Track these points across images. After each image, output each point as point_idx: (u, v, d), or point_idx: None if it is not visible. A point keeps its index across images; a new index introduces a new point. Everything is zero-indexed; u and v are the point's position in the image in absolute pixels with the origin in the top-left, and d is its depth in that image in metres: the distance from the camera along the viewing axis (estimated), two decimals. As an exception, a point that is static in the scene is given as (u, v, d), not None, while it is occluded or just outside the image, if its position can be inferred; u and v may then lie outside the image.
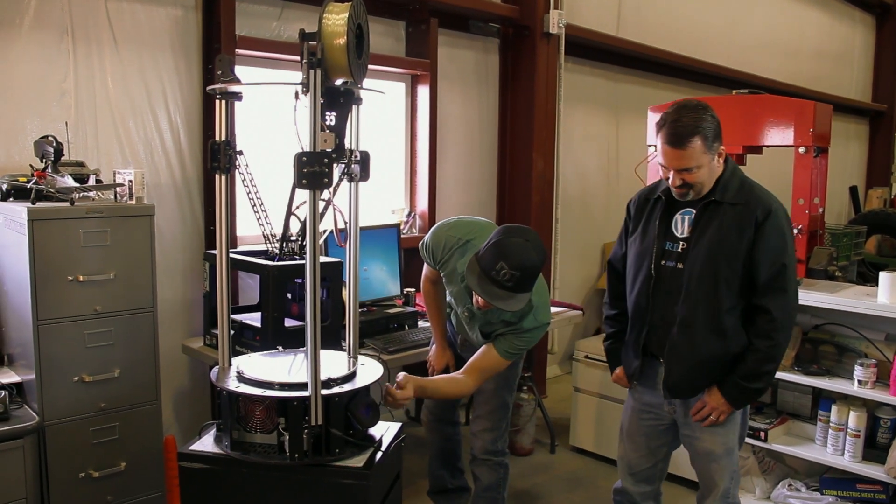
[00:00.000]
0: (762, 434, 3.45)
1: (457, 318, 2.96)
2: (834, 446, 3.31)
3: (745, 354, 2.41)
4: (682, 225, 2.47)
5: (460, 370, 2.77)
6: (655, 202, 2.54)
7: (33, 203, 2.68)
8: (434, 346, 3.19)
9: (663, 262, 2.48)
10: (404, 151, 4.78)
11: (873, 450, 3.22)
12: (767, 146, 4.08)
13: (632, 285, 2.59)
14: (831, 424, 3.31)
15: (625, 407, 2.76)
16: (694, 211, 2.44)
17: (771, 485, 3.56)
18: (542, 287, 2.72)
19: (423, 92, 4.68)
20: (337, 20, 2.07)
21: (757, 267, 2.36)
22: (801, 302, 3.30)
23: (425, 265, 3.01)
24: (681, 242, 2.45)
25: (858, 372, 3.17)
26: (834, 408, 3.30)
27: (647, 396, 2.63)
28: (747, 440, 3.47)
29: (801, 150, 3.92)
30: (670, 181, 2.41)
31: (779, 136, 3.97)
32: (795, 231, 3.97)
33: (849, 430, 3.24)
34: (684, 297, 2.42)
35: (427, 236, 2.89)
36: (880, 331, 3.29)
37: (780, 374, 3.39)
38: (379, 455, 2.25)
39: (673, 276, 2.45)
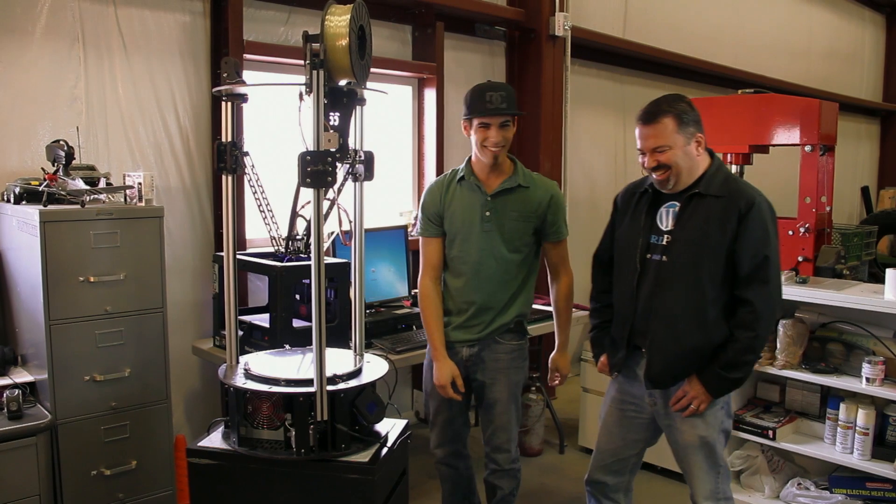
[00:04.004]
0: (771, 433, 3.44)
1: (462, 312, 2.89)
2: (843, 444, 3.29)
3: (726, 344, 2.43)
4: (666, 218, 2.49)
5: (553, 278, 2.94)
6: (642, 195, 2.57)
7: (45, 206, 2.72)
8: (435, 363, 2.82)
9: (649, 255, 2.50)
10: (412, 154, 4.81)
11: (882, 448, 3.20)
12: (774, 145, 4.09)
13: (618, 279, 2.62)
14: (840, 422, 3.30)
15: (605, 397, 2.77)
16: (678, 204, 2.47)
17: (780, 484, 3.55)
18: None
19: (430, 95, 4.71)
20: (339, 21, 2.11)
21: (739, 259, 2.38)
22: (807, 300, 3.34)
23: (422, 260, 2.89)
24: (665, 235, 2.48)
25: (866, 369, 3.16)
26: (842, 406, 3.29)
27: (631, 387, 2.64)
28: (756, 439, 3.49)
29: (808, 148, 3.93)
30: (645, 164, 2.45)
31: (785, 134, 3.98)
32: (802, 230, 3.98)
33: (857, 428, 3.23)
34: (668, 289, 2.44)
35: (418, 212, 2.93)
36: (888, 328, 3.28)
37: (787, 373, 3.39)
38: (384, 451, 2.27)
39: (658, 269, 2.48)
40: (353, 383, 2.28)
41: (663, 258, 2.46)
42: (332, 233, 2.60)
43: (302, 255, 2.79)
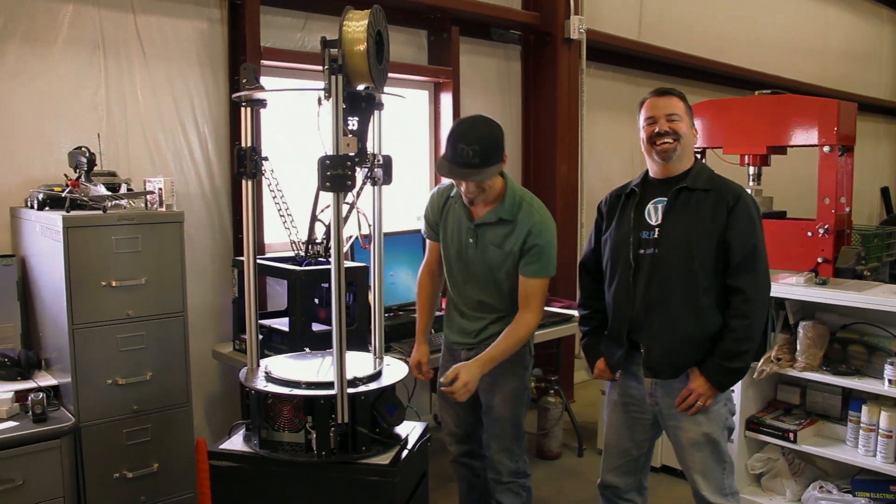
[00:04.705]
0: (792, 435, 3.42)
1: (462, 315, 2.90)
2: (865, 447, 3.26)
3: (723, 335, 2.47)
4: (655, 214, 2.55)
5: (519, 310, 2.72)
6: (628, 196, 2.63)
7: (68, 211, 2.76)
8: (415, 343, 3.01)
9: (641, 250, 2.54)
10: (429, 158, 4.83)
11: (906, 450, 3.18)
12: (792, 146, 4.07)
13: (611, 279, 2.63)
14: (862, 425, 3.27)
15: (606, 400, 2.78)
16: (665, 199, 2.53)
17: (801, 487, 3.52)
18: (541, 205, 2.80)
19: (446, 99, 4.72)
20: (357, 27, 2.13)
21: (730, 249, 2.44)
22: (827, 301, 3.31)
23: (426, 255, 2.96)
24: (655, 229, 2.52)
25: (889, 371, 3.12)
26: (864, 408, 3.26)
27: (631, 389, 2.65)
28: (777, 441, 3.46)
29: (826, 149, 3.90)
30: (657, 128, 2.52)
31: (803, 135, 3.95)
32: (822, 231, 3.95)
33: (880, 430, 3.20)
34: (661, 279, 2.48)
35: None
36: (910, 329, 3.25)
37: (808, 375, 3.37)
38: (405, 453, 2.28)
39: (650, 263, 2.51)
40: (373, 386, 2.29)
41: (655, 251, 2.51)
42: (351, 237, 2.62)
43: (321, 259, 2.82)
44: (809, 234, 3.99)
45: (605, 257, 2.67)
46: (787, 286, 3.39)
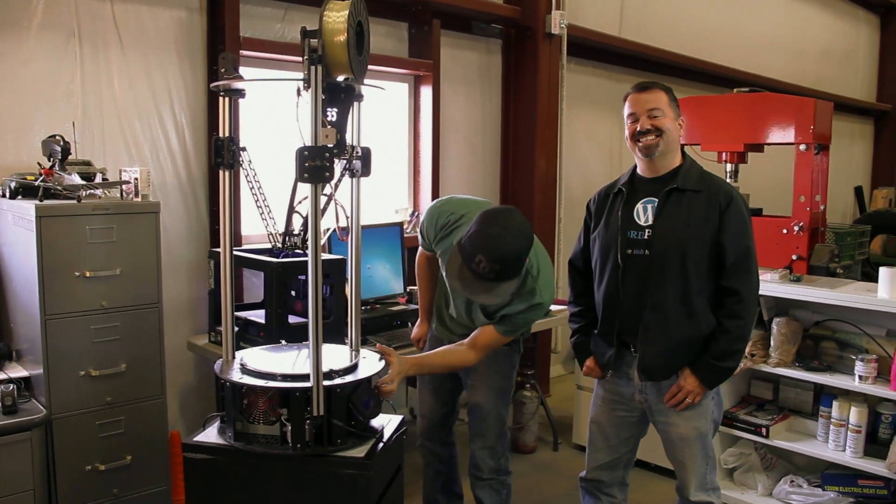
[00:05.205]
0: (764, 430, 3.46)
1: (450, 320, 2.92)
2: (835, 442, 3.31)
3: (717, 335, 2.48)
4: (644, 214, 2.53)
5: (463, 341, 2.68)
6: (616, 195, 2.62)
7: (41, 201, 2.72)
8: (419, 320, 3.13)
9: (629, 250, 2.53)
10: (407, 151, 4.82)
11: (875, 445, 3.22)
12: (769, 144, 4.11)
13: (600, 278, 2.63)
14: (833, 420, 3.32)
15: (594, 397, 2.78)
16: (655, 199, 2.52)
17: (773, 481, 3.57)
18: (548, 266, 2.68)
19: (426, 92, 4.72)
20: (337, 17, 2.11)
21: (724, 250, 2.45)
22: (801, 298, 3.36)
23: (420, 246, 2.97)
24: (646, 230, 2.51)
25: (859, 367, 3.18)
26: (835, 404, 3.31)
27: (619, 387, 2.66)
28: (750, 436, 3.51)
29: (802, 147, 3.94)
30: (638, 127, 2.49)
31: (780, 133, 3.99)
32: (797, 228, 4.00)
33: (850, 425, 3.25)
34: (654, 282, 2.48)
35: (422, 217, 2.88)
36: (881, 326, 3.30)
37: (781, 371, 3.41)
38: (380, 446, 2.28)
39: (640, 263, 2.51)
40: (349, 378, 2.28)
41: (645, 251, 2.50)
42: (329, 229, 2.61)
43: (298, 251, 2.80)
44: (784, 231, 4.03)
45: (594, 256, 2.66)
46: (762, 282, 3.41)
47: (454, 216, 2.72)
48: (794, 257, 4.00)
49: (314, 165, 2.09)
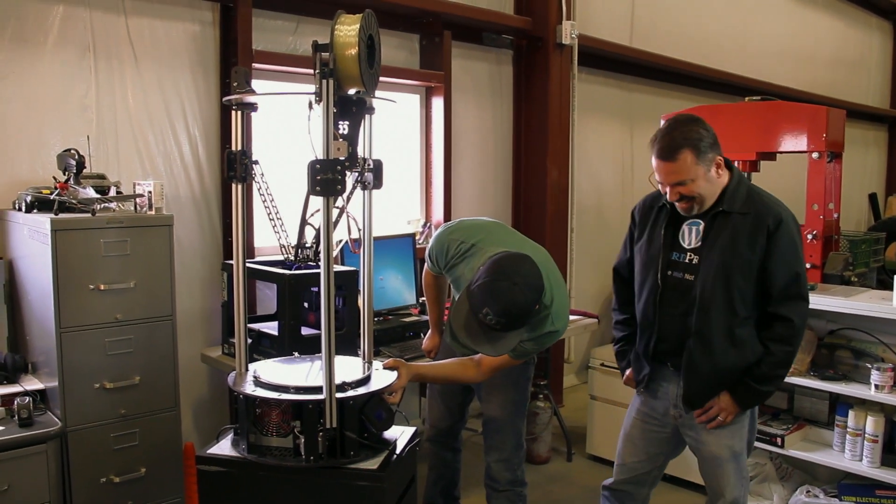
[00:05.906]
0: (779, 440, 3.43)
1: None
2: (852, 452, 3.28)
3: (761, 359, 2.42)
4: (689, 236, 2.46)
5: (473, 357, 2.63)
6: (660, 210, 2.54)
7: (56, 214, 2.74)
8: (430, 332, 3.16)
9: (670, 272, 2.48)
10: (419, 162, 4.83)
11: (892, 455, 3.19)
12: (781, 152, 4.09)
13: (639, 294, 2.59)
14: (849, 430, 3.29)
15: (629, 409, 2.75)
16: (702, 222, 2.44)
17: (789, 491, 3.54)
18: (561, 291, 2.64)
19: (438, 104, 4.73)
20: (349, 31, 2.13)
21: (772, 276, 2.36)
22: (815, 307, 3.32)
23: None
24: (689, 254, 2.45)
25: (875, 376, 3.15)
26: (851, 413, 3.28)
27: (654, 402, 2.63)
28: (765, 446, 3.48)
29: (815, 155, 3.92)
30: (668, 196, 2.41)
31: (792, 142, 3.97)
32: (810, 237, 3.97)
33: (867, 435, 3.22)
34: (698, 310, 2.41)
35: (431, 242, 2.85)
36: (897, 335, 3.27)
37: (796, 380, 3.38)
38: (393, 458, 2.28)
39: (681, 287, 2.45)
40: (361, 390, 2.28)
41: (686, 276, 2.44)
42: (341, 241, 2.62)
43: (310, 263, 2.81)
44: (798, 239, 4.00)
45: (637, 269, 2.61)
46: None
47: (464, 245, 2.68)
48: (807, 265, 3.97)
49: (326, 178, 2.11)
